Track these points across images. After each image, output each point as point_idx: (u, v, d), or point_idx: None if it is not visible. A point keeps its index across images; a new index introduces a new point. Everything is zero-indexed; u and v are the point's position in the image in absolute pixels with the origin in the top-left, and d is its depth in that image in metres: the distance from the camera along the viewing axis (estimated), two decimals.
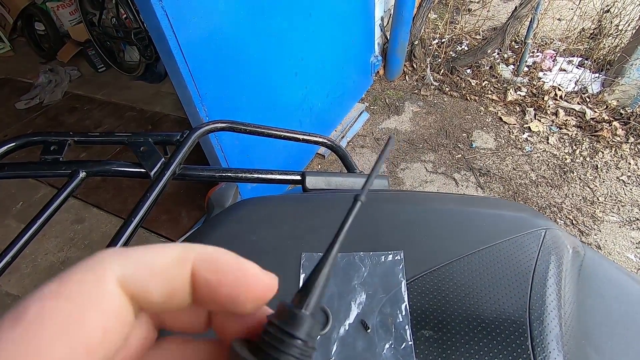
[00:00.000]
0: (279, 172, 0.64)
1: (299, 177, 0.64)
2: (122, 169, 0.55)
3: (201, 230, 0.54)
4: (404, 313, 0.43)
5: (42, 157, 0.53)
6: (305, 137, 0.73)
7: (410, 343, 0.40)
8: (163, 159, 0.56)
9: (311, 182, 0.63)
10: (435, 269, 0.46)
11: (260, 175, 0.62)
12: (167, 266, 0.13)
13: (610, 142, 2.06)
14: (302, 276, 0.48)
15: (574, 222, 1.76)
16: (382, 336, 0.41)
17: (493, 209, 0.56)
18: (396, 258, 0.47)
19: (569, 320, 0.42)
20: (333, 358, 0.40)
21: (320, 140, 0.75)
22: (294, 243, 0.50)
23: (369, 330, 0.42)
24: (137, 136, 0.58)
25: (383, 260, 0.48)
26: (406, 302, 0.43)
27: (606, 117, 2.16)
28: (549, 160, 2.05)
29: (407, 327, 0.41)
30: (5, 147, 0.53)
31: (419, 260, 0.47)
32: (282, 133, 0.69)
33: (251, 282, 0.14)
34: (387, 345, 0.41)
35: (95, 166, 0.53)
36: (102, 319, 0.11)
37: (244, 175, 0.61)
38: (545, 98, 2.33)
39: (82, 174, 0.52)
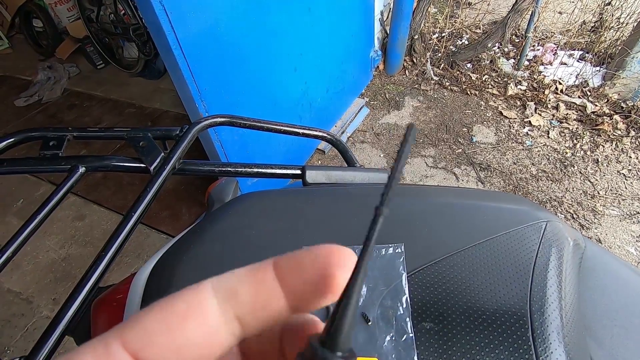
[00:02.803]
0: (279, 167, 0.64)
1: (299, 172, 0.64)
2: (122, 164, 0.54)
3: (201, 224, 0.54)
4: (404, 305, 0.43)
5: (41, 153, 0.53)
6: (306, 132, 0.72)
7: (411, 335, 0.40)
8: (163, 154, 0.56)
9: (311, 176, 0.63)
10: (436, 262, 0.46)
11: (260, 170, 0.62)
12: (250, 272, 0.15)
13: (611, 136, 2.06)
14: None
15: (574, 216, 1.76)
16: (382, 329, 0.41)
17: (494, 202, 0.56)
18: (397, 251, 0.47)
19: (570, 312, 0.42)
20: None
21: (321, 134, 0.75)
22: (294, 237, 0.50)
23: (369, 323, 0.42)
24: (137, 131, 0.58)
25: (383, 253, 0.48)
26: (407, 295, 0.43)
27: (607, 111, 2.15)
28: (550, 155, 2.05)
29: (407, 319, 0.42)
30: (4, 143, 0.53)
31: (419, 253, 0.47)
32: (282, 127, 0.69)
33: (327, 253, 0.15)
34: (387, 338, 0.41)
35: (94, 161, 0.53)
36: (188, 308, 0.13)
37: (243, 169, 0.61)
38: (546, 92, 2.32)
39: (81, 169, 0.52)
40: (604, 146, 2.03)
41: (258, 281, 0.14)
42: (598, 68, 2.35)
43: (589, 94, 2.28)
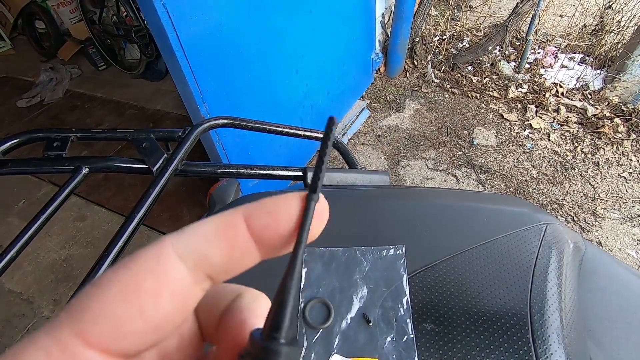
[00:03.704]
0: (281, 168, 0.64)
1: (300, 173, 0.64)
2: (125, 165, 0.55)
3: None
4: (405, 307, 0.43)
5: (45, 154, 0.54)
6: (307, 134, 0.73)
7: (411, 336, 0.41)
8: (165, 155, 0.56)
9: None
10: (437, 263, 0.46)
11: (261, 171, 0.63)
12: (219, 231, 0.13)
13: (611, 139, 2.06)
14: (304, 271, 0.48)
15: (575, 218, 1.76)
16: (383, 329, 0.42)
17: (494, 204, 0.56)
18: (397, 252, 0.48)
19: (570, 314, 0.42)
20: (335, 351, 0.40)
21: (321, 136, 0.75)
22: None
23: (370, 324, 0.42)
24: (140, 132, 0.58)
25: (384, 254, 0.48)
26: (407, 296, 0.44)
27: (608, 114, 2.15)
28: (550, 157, 2.05)
29: (408, 320, 0.42)
30: (9, 144, 0.53)
31: (420, 254, 0.48)
32: (283, 129, 0.69)
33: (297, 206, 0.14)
34: (388, 339, 0.41)
35: (98, 162, 0.54)
36: (157, 285, 0.12)
37: (245, 171, 0.61)
38: (547, 95, 2.32)
39: (85, 170, 0.52)
40: (604, 149, 2.03)
41: (230, 240, 0.13)
42: (599, 71, 2.35)
43: (589, 97, 2.28)
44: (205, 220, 0.14)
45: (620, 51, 2.24)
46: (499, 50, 2.68)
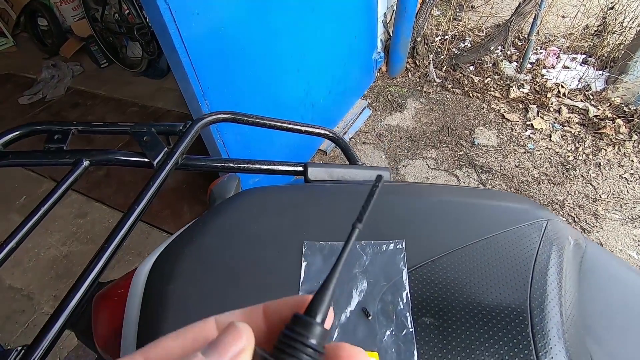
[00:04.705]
0: (281, 163, 0.64)
1: (301, 169, 0.64)
2: (125, 158, 0.55)
3: (202, 218, 0.54)
4: (404, 301, 0.43)
5: (46, 146, 0.54)
6: (308, 129, 0.73)
7: (410, 330, 0.40)
8: (166, 149, 0.56)
9: (313, 173, 0.63)
10: (437, 258, 0.46)
11: (262, 166, 0.63)
12: (246, 313, 0.19)
13: (613, 140, 2.06)
14: (304, 265, 0.48)
15: (576, 219, 1.76)
16: (383, 323, 0.42)
17: (495, 201, 0.56)
18: (397, 247, 0.48)
19: (570, 310, 0.42)
20: None
21: (323, 132, 0.75)
22: (295, 232, 0.50)
23: (370, 318, 0.42)
24: (141, 126, 0.58)
25: (384, 249, 0.48)
26: (407, 290, 0.44)
27: (609, 115, 2.14)
28: (552, 158, 2.05)
29: (407, 314, 0.42)
30: (10, 136, 0.53)
31: (420, 249, 0.47)
32: (284, 124, 0.69)
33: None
34: (387, 332, 0.41)
35: (98, 155, 0.54)
36: (198, 334, 0.18)
37: (246, 165, 0.61)
38: (548, 95, 2.32)
39: (85, 163, 0.52)
40: (606, 150, 2.03)
41: (251, 321, 0.18)
42: (601, 72, 2.35)
43: (591, 97, 2.28)
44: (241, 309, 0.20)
45: (623, 52, 2.23)
46: (501, 51, 2.68)
